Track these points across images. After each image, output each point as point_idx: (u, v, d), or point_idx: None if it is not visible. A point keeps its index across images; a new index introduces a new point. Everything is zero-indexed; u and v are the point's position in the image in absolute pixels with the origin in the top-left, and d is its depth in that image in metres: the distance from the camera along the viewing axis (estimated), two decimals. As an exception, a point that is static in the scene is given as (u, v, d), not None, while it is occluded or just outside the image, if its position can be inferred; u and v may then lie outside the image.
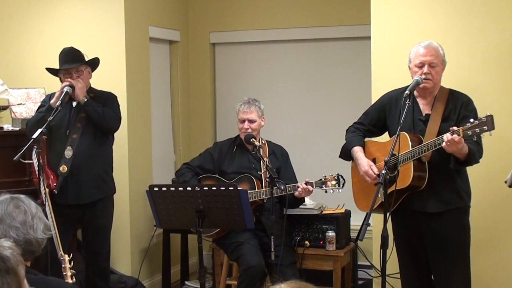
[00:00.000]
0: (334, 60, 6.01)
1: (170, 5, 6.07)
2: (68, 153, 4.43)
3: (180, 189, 3.74)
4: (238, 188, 3.80)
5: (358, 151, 4.02)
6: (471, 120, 3.48)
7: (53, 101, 4.39)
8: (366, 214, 3.66)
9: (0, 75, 5.13)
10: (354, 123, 4.19)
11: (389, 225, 3.60)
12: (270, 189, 4.25)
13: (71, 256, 3.19)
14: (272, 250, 4.17)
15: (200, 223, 3.71)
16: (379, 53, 4.60)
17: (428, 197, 3.75)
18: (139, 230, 5.55)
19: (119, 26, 5.33)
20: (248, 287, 4.38)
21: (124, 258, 5.41)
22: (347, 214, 5.17)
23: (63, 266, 3.09)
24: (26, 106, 5.16)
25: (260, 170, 4.71)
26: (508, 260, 4.35)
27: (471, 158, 3.65)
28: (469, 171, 3.88)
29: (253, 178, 4.66)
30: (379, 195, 3.56)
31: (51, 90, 4.69)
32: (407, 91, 3.64)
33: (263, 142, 4.84)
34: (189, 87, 6.38)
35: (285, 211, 4.50)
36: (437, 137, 3.64)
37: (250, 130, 4.71)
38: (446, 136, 3.51)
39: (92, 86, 4.62)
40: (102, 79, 4.88)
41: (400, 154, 3.71)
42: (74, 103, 4.49)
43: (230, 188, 3.74)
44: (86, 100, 4.44)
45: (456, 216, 3.80)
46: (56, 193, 4.37)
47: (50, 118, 4.15)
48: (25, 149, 4.03)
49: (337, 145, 4.25)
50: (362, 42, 5.56)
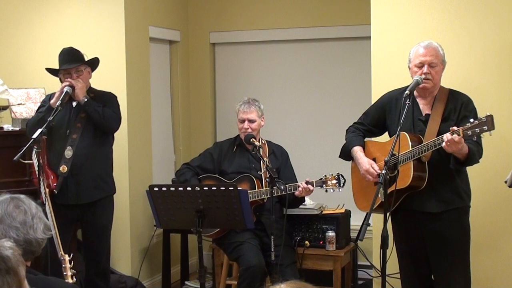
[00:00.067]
0: (334, 60, 6.00)
1: (170, 5, 6.06)
2: (68, 153, 4.43)
3: (180, 189, 3.74)
4: (238, 188, 3.79)
5: (358, 151, 4.02)
6: (471, 120, 3.48)
7: (53, 101, 4.39)
8: (366, 214, 3.67)
9: (0, 75, 5.13)
10: (354, 123, 4.19)
11: (389, 225, 3.60)
12: (270, 189, 4.25)
13: (71, 256, 3.19)
14: (272, 250, 4.17)
15: (200, 223, 3.70)
16: (379, 53, 4.60)
17: (428, 197, 3.75)
18: (139, 230, 5.55)
19: (119, 26, 5.33)
20: (248, 287, 4.38)
21: (124, 258, 5.41)
22: (347, 214, 5.16)
23: (63, 266, 3.09)
24: (26, 106, 5.16)
25: (260, 170, 4.71)
26: (508, 260, 4.35)
27: (471, 158, 3.65)
28: (469, 171, 3.88)
29: (253, 178, 4.65)
30: (379, 195, 3.56)
31: (51, 90, 4.69)
32: (407, 91, 3.63)
33: (263, 142, 4.84)
34: (189, 87, 6.38)
35: (285, 211, 4.51)
36: (437, 137, 3.63)
37: (250, 130, 4.70)
38: (446, 136, 3.51)
39: (92, 86, 4.62)
40: (102, 79, 4.87)
41: (400, 154, 3.71)
42: (74, 103, 4.49)
43: (230, 188, 3.73)
44: (86, 100, 4.43)
45: (456, 216, 3.80)
46: (56, 193, 4.38)
47: (50, 118, 4.15)
48: (25, 149, 4.03)
49: (337, 145, 4.25)
50: (362, 42, 5.56)
